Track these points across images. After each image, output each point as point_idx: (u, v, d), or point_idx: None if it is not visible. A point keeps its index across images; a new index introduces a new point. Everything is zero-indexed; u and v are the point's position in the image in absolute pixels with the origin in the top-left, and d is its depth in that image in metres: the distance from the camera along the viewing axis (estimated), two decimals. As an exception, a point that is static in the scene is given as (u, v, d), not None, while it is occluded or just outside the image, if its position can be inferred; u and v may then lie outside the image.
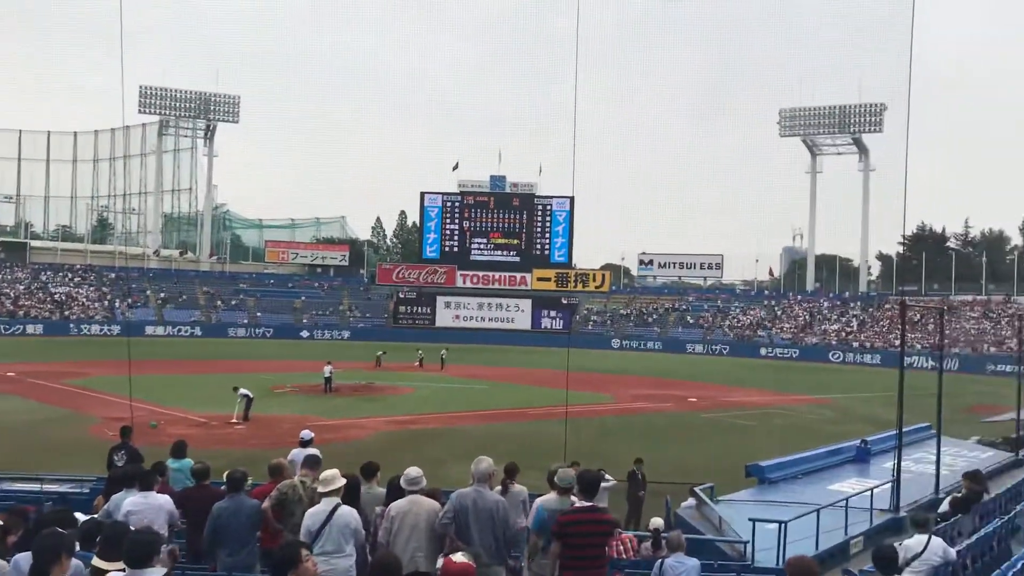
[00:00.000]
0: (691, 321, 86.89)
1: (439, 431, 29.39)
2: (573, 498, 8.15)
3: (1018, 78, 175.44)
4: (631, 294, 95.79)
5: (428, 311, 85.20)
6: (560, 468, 8.68)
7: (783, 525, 12.46)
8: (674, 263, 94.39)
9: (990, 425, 29.32)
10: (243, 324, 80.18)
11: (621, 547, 11.90)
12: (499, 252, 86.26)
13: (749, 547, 12.64)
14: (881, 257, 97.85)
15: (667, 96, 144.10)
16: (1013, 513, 13.17)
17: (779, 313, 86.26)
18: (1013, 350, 49.93)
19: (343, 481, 8.12)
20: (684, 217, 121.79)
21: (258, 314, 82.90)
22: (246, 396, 29.96)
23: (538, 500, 9.10)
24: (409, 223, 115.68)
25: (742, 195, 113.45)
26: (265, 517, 8.63)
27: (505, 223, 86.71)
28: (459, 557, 6.50)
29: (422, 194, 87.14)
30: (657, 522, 11.73)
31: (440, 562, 7.05)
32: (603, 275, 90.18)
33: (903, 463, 17.00)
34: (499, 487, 9.64)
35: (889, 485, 16.09)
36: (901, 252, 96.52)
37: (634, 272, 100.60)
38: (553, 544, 7.54)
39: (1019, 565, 9.20)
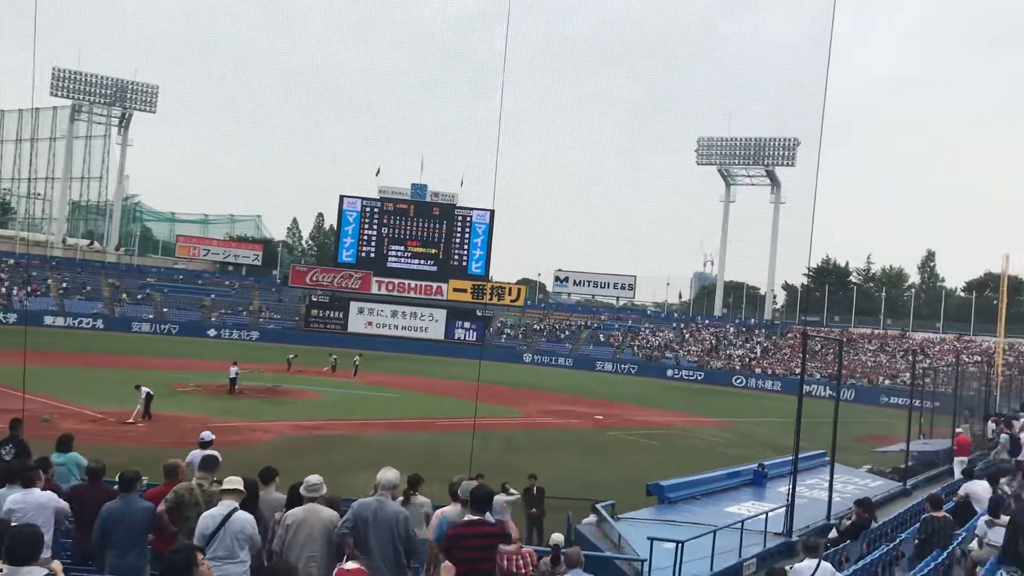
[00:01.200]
0: (602, 339, 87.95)
1: (345, 438, 29.02)
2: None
3: (922, 123, 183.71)
4: (545, 310, 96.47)
5: (341, 316, 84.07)
6: (464, 480, 8.67)
7: (680, 545, 12.65)
8: (589, 281, 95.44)
9: (881, 455, 30.39)
10: (148, 319, 77.74)
11: (520, 562, 11.89)
12: (416, 261, 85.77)
13: (646, 565, 12.80)
14: (787, 287, 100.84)
15: (591, 118, 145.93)
16: (898, 540, 13.67)
17: (687, 336, 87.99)
18: (906, 384, 51.96)
19: (242, 482, 7.95)
20: (601, 237, 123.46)
21: (164, 310, 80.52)
22: (148, 393, 29.07)
23: (440, 511, 9.07)
24: (326, 226, 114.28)
25: (659, 219, 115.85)
26: (158, 520, 8.36)
27: (424, 232, 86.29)
28: (351, 565, 6.43)
29: (341, 197, 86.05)
30: (557, 538, 11.77)
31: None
32: (519, 289, 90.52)
33: (798, 488, 17.47)
34: (401, 497, 9.57)
35: (783, 509, 16.51)
36: (806, 283, 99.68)
37: (549, 288, 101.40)
38: (443, 558, 7.52)
39: (900, 591, 9.56)
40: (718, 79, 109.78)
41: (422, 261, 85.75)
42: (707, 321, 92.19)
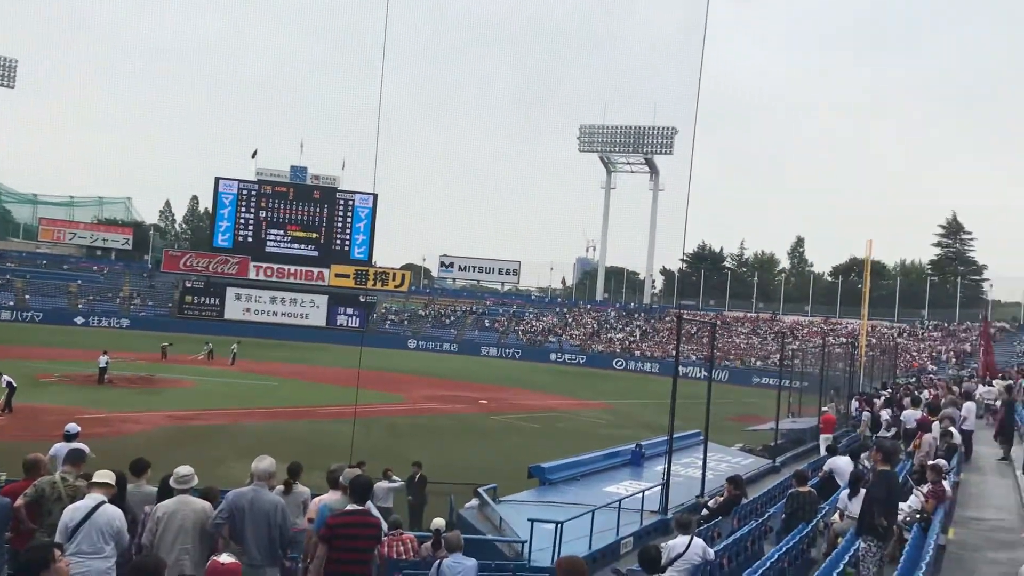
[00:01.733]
0: (487, 324, 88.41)
1: (221, 428, 28.28)
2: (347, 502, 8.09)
3: (795, 115, 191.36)
4: (430, 295, 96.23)
5: (217, 303, 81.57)
6: (344, 468, 8.58)
7: (559, 525, 12.88)
8: (473, 267, 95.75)
9: (752, 433, 31.64)
10: (8, 307, 73.71)
11: (401, 547, 11.88)
12: (297, 245, 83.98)
13: (526, 547, 12.97)
14: (665, 272, 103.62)
15: (476, 104, 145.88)
16: (767, 515, 14.29)
17: (570, 320, 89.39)
18: (777, 365, 54.25)
19: (112, 476, 7.65)
20: (486, 223, 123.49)
21: (27, 296, 76.45)
22: (9, 384, 27.57)
23: (319, 499, 8.95)
24: (201, 209, 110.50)
25: (542, 205, 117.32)
26: (16, 515, 7.93)
27: (304, 216, 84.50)
28: (225, 558, 6.28)
29: (217, 179, 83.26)
30: (438, 522, 11.82)
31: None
32: (403, 275, 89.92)
33: (673, 467, 18.01)
34: (281, 487, 9.41)
35: (659, 488, 17.00)
36: (682, 268, 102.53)
37: (434, 273, 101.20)
38: (320, 547, 7.42)
39: (768, 564, 9.99)
40: (599, 68, 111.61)
41: (302, 246, 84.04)
42: (589, 306, 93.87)
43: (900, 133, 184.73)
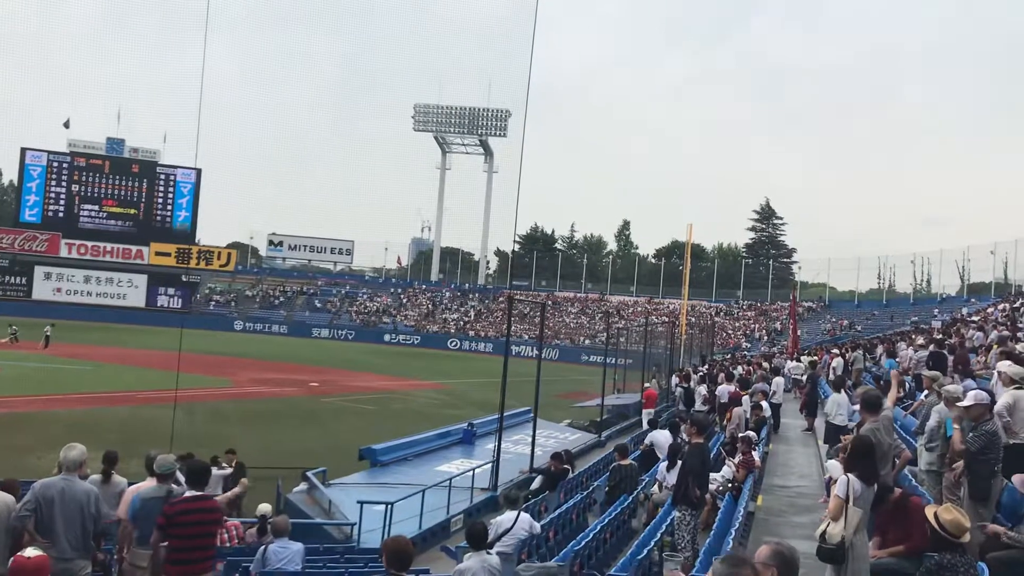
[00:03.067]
0: (319, 305, 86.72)
1: (31, 416, 26.42)
2: (178, 487, 7.76)
3: (621, 103, 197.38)
4: (258, 275, 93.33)
5: (24, 282, 76.02)
6: (159, 455, 8.20)
7: (389, 506, 12.86)
8: (305, 246, 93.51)
9: (580, 410, 32.56)
10: None
11: (226, 534, 11.53)
12: (113, 222, 79.34)
13: (356, 529, 12.88)
14: (499, 253, 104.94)
15: (308, 79, 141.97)
16: (592, 488, 14.77)
17: (404, 301, 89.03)
18: (604, 343, 56.03)
19: None
20: (318, 201, 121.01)
21: None
22: None
23: (133, 488, 8.54)
24: (5, 181, 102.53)
25: (376, 184, 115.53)
26: None
27: (122, 191, 79.88)
28: (31, 552, 5.89)
29: (23, 150, 77.34)
30: (264, 508, 11.53)
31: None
32: (229, 253, 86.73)
33: (504, 444, 18.33)
34: (98, 476, 8.90)
35: (490, 465, 17.25)
36: (516, 250, 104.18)
37: (263, 253, 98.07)
38: (155, 534, 7.09)
39: (591, 535, 10.33)
40: (434, 47, 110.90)
41: (120, 222, 79.50)
42: (424, 286, 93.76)
43: (717, 119, 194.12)
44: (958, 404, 8.35)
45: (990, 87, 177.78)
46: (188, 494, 7.44)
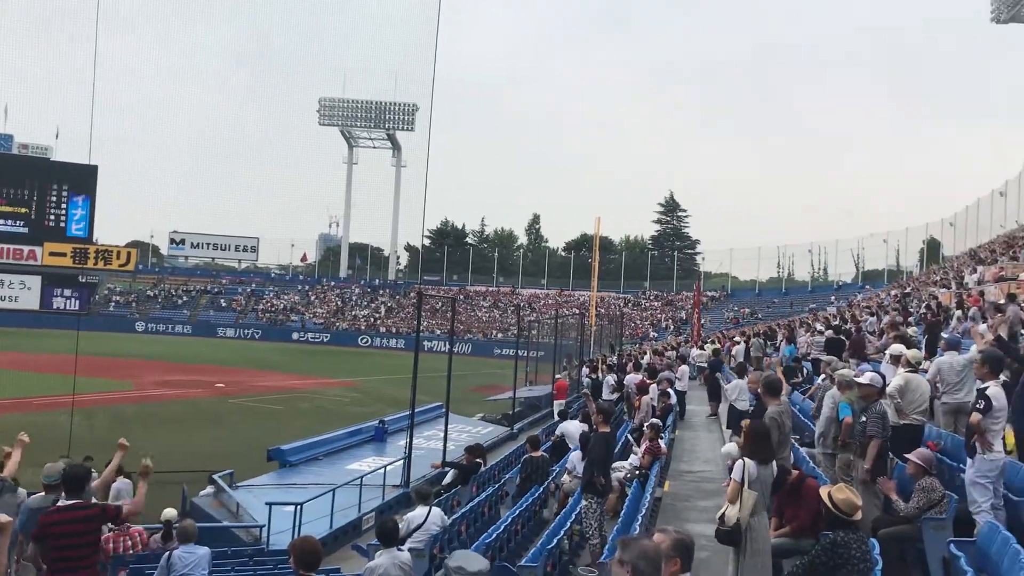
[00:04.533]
0: (224, 304, 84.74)
1: (-87, 427, 25.08)
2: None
3: (531, 97, 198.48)
4: (160, 274, 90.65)
5: (-95, 286, 72.20)
6: (48, 465, 7.93)
7: (299, 507, 12.69)
8: (208, 244, 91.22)
9: (493, 403, 32.68)
10: None
11: (129, 541, 11.20)
12: (2, 221, 75.86)
13: (265, 531, 12.67)
14: (409, 248, 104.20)
15: (209, 70, 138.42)
16: (503, 480, 14.86)
17: (313, 298, 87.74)
18: (515, 336, 56.36)
19: None
20: (221, 197, 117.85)
21: None
22: None
23: (33, 499, 8.25)
24: None
25: (282, 179, 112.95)
26: None
27: (11, 189, 76.43)
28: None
29: (-100, 147, 73.47)
30: (168, 513, 11.24)
31: None
32: (128, 253, 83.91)
33: (416, 440, 18.27)
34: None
35: (402, 462, 17.17)
36: (426, 244, 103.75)
37: (164, 251, 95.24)
38: (31, 546, 6.84)
39: (502, 527, 10.40)
40: (338, 41, 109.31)
41: (10, 222, 76.04)
42: (333, 283, 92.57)
43: (623, 114, 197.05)
44: (856, 379, 8.69)
45: (887, 82, 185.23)
46: (63, 503, 7.18)
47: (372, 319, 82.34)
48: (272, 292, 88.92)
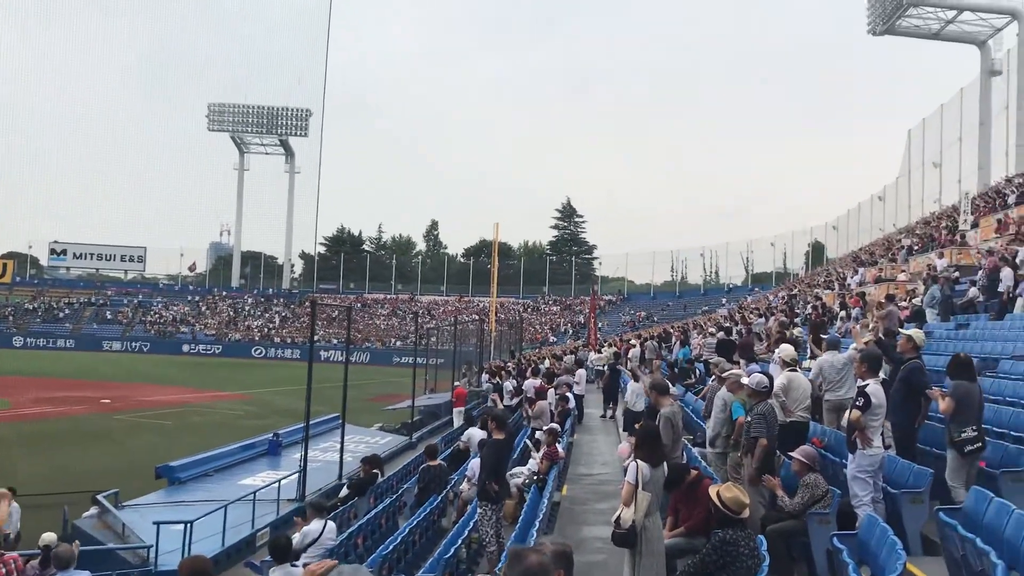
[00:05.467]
0: (109, 316, 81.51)
1: None
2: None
3: (427, 101, 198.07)
4: (39, 286, 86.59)
5: None
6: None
7: (188, 525, 12.27)
8: (92, 254, 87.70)
9: (391, 413, 32.33)
10: None
11: (3, 569, 10.63)
12: None
13: (153, 551, 12.20)
14: (304, 256, 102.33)
15: (90, 75, 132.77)
16: (401, 491, 14.70)
17: (204, 309, 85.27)
18: (413, 344, 56.00)
19: None
20: (106, 206, 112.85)
21: None
22: None
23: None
24: None
25: (169, 187, 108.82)
26: None
27: None
28: None
29: None
30: (47, 537, 10.70)
31: None
32: (4, 264, 79.98)
33: (312, 453, 17.92)
34: None
35: (297, 475, 16.80)
36: (322, 252, 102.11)
37: (44, 262, 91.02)
38: None
39: (399, 538, 10.26)
40: (228, 45, 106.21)
41: None
42: (225, 292, 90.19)
43: (519, 121, 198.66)
44: (742, 382, 8.92)
45: (778, 90, 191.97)
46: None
47: (266, 329, 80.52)
48: (160, 303, 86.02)
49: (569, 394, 20.05)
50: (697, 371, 20.78)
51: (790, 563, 7.27)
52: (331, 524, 10.11)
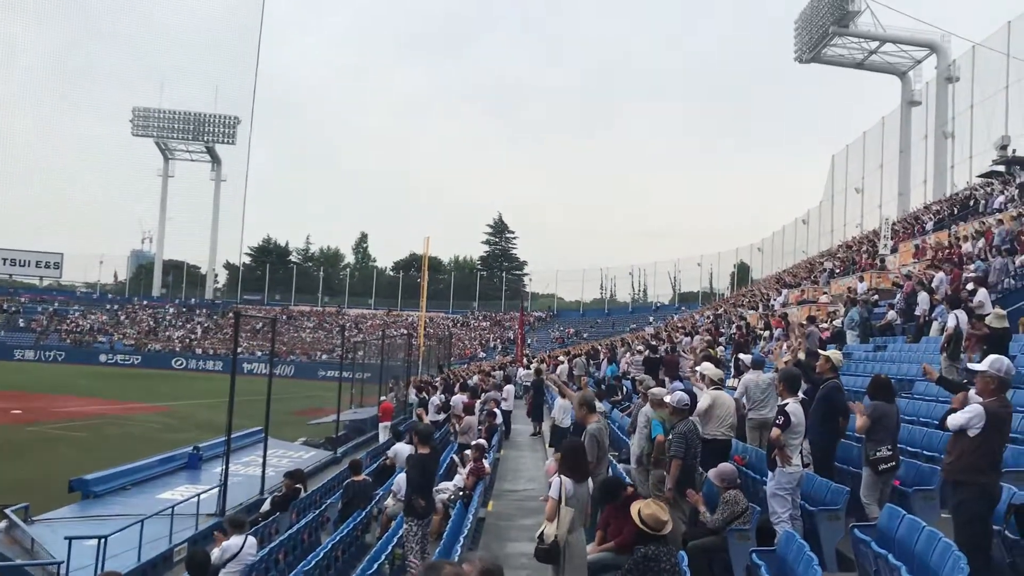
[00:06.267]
0: (22, 324, 78.67)
1: None
2: None
3: (356, 112, 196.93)
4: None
5: None
6: None
7: (103, 540, 11.88)
8: (4, 259, 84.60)
9: (316, 427, 31.87)
10: None
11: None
12: None
13: (64, 568, 11.77)
14: (228, 266, 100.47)
15: (5, 74, 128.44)
16: (324, 506, 14.49)
17: (123, 318, 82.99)
18: (340, 357, 55.32)
19: None
20: (20, 209, 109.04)
21: None
22: None
23: None
24: None
25: (89, 192, 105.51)
26: None
27: None
28: None
29: None
30: (-50, 554, 10.26)
31: None
32: (-90, 269, 76.75)
33: (234, 467, 17.54)
34: None
35: (217, 490, 16.42)
36: (247, 262, 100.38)
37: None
38: None
39: (321, 554, 10.11)
40: (153, 48, 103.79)
41: None
42: (145, 301, 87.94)
43: (449, 136, 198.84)
44: (664, 400, 9.05)
45: (707, 115, 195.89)
46: None
47: (188, 340, 78.72)
48: (77, 311, 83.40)
49: (497, 410, 20.07)
50: (624, 388, 21.00)
51: (711, 578, 7.38)
52: (251, 539, 9.91)
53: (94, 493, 17.59)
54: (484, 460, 13.54)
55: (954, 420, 5.82)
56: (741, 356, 13.36)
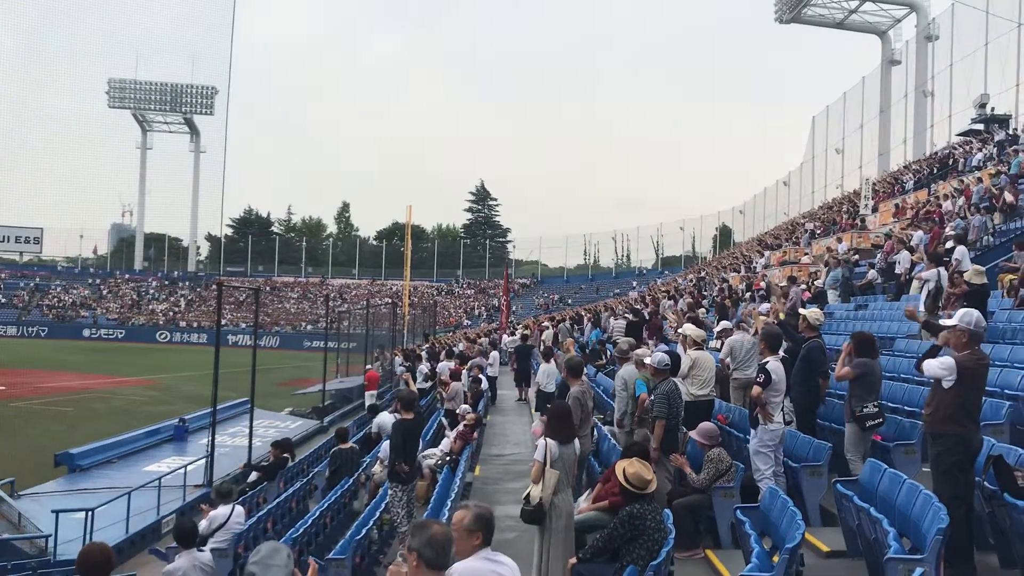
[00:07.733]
0: (4, 300, 78.08)
1: None
2: None
3: (337, 84, 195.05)
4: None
5: None
6: None
7: (90, 513, 11.91)
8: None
9: (302, 397, 31.90)
10: None
11: None
12: None
13: (51, 541, 11.81)
14: (210, 238, 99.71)
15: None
16: (312, 475, 14.54)
17: (105, 292, 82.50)
18: (325, 328, 55.23)
19: None
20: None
21: None
22: None
23: None
24: None
25: (68, 165, 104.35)
26: None
27: None
28: None
29: None
30: (-64, 529, 10.26)
31: None
32: None
33: (220, 438, 17.57)
34: None
35: (204, 461, 16.46)
36: (229, 234, 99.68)
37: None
38: None
39: (310, 521, 10.16)
40: (129, 18, 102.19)
41: None
42: (127, 275, 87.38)
43: (430, 103, 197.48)
44: (645, 361, 9.10)
45: (686, 77, 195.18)
46: None
47: (171, 313, 78.41)
48: (59, 286, 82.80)
49: (482, 376, 20.10)
50: (608, 352, 21.07)
51: (696, 535, 7.46)
52: (239, 508, 9.94)
53: (80, 467, 17.63)
54: (474, 432, 13.60)
55: (929, 366, 5.86)
56: (724, 323, 13.38)
